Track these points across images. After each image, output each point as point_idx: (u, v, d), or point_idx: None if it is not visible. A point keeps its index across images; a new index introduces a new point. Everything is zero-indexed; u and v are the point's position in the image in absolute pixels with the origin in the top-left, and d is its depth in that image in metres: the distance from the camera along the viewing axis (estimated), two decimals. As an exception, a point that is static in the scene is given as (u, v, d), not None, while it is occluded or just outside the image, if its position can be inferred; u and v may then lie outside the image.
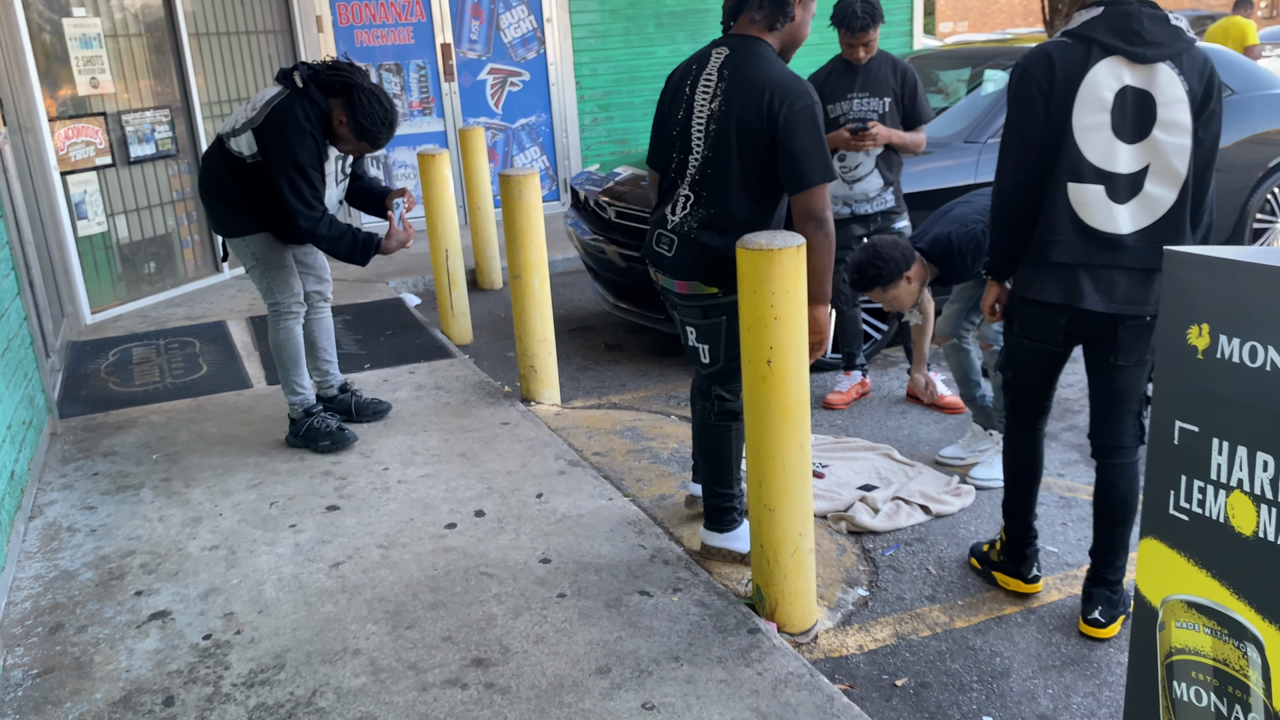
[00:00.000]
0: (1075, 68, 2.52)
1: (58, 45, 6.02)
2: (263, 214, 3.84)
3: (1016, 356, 2.88)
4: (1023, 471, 3.00)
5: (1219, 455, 1.72)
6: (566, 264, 7.52)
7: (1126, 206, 2.56)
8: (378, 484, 3.80)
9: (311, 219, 3.70)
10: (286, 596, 3.05)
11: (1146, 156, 2.54)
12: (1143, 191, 2.55)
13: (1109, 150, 2.53)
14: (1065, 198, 2.58)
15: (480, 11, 8.71)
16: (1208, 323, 1.72)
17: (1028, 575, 3.07)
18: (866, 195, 4.39)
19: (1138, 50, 2.49)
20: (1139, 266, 2.58)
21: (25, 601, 3.11)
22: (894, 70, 4.37)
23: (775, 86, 2.79)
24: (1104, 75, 2.50)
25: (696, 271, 2.95)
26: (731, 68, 2.87)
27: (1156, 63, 2.50)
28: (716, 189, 2.91)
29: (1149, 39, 2.49)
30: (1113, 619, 2.85)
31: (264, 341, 5.67)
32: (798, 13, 2.93)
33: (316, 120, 3.68)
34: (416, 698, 2.55)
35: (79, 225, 6.18)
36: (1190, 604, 1.81)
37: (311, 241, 3.80)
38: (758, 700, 2.48)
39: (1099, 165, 2.54)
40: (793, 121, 2.77)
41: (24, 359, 4.16)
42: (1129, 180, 2.55)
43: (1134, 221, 2.56)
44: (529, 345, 4.56)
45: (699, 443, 3.21)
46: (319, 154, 3.71)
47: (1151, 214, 2.56)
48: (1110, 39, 2.50)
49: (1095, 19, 2.53)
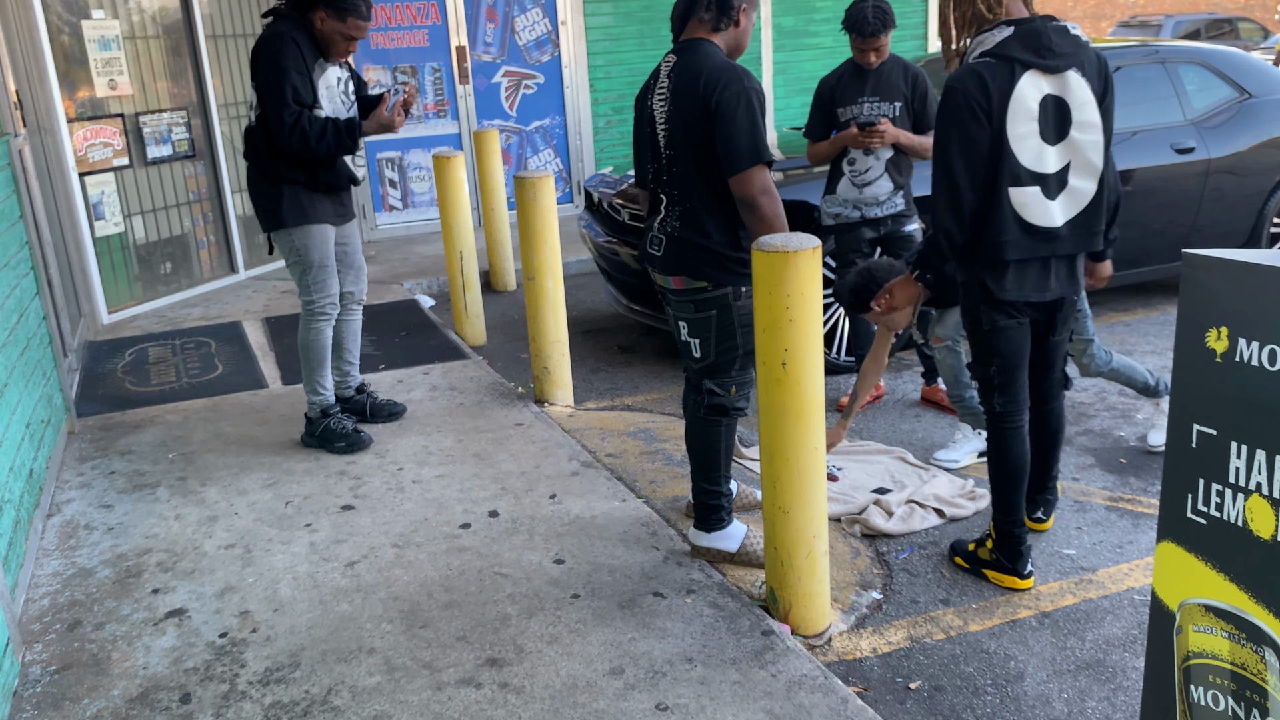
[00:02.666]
0: (1005, 84, 2.76)
1: (76, 47, 6.07)
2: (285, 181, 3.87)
3: (999, 344, 3.00)
4: (1017, 467, 3.08)
5: (1238, 459, 1.72)
6: (580, 266, 7.53)
7: (1057, 201, 2.85)
8: (392, 484, 3.81)
9: (291, 114, 3.72)
10: (302, 595, 3.06)
11: (1068, 155, 2.84)
12: (1068, 186, 2.86)
13: (1039, 154, 2.81)
14: (1008, 201, 2.83)
15: (495, 14, 8.74)
16: (1226, 326, 1.71)
17: (1024, 571, 3.13)
18: (876, 199, 4.39)
19: (1050, 62, 2.77)
20: (1071, 253, 2.92)
21: (44, 599, 3.13)
22: (905, 74, 4.37)
23: (709, 75, 2.89)
24: (1028, 88, 2.77)
25: (683, 267, 3.03)
26: (677, 70, 2.98)
27: (1066, 71, 2.79)
28: (683, 186, 3.01)
29: (1057, 51, 2.77)
30: (1049, 516, 3.49)
31: (279, 342, 5.69)
32: (741, 19, 3.03)
33: (303, 35, 3.77)
34: (431, 697, 2.56)
35: (96, 226, 6.22)
36: (1208, 608, 1.81)
37: (300, 147, 3.77)
38: (771, 702, 2.48)
39: (1032, 169, 2.81)
40: (725, 106, 2.86)
41: (43, 358, 4.19)
42: (1057, 178, 2.84)
43: (1064, 213, 2.87)
44: (542, 347, 4.57)
45: (688, 439, 3.23)
46: (303, 58, 3.76)
47: (1078, 204, 2.87)
48: (1025, 54, 2.76)
49: (1009, 38, 2.78)
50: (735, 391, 3.13)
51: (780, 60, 9.73)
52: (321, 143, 3.79)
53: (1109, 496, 3.73)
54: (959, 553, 3.29)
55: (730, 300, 3.03)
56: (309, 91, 3.79)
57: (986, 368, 3.05)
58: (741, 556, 3.21)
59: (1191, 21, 20.14)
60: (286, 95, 3.72)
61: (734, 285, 3.02)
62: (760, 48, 9.59)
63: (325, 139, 3.79)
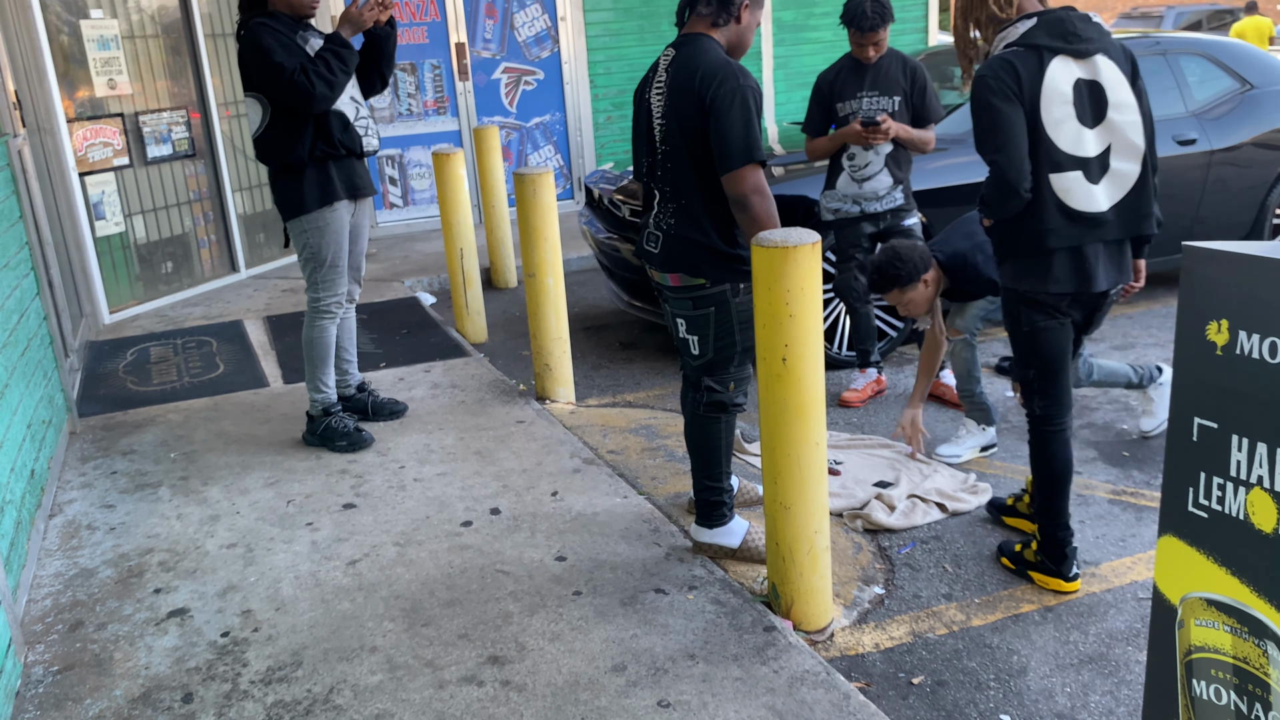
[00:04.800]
0: (1035, 70, 2.75)
1: (75, 47, 6.07)
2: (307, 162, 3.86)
3: (1040, 345, 2.93)
4: (1061, 471, 3.02)
5: (1239, 452, 1.71)
6: (581, 262, 7.52)
7: (1101, 185, 2.80)
8: (394, 482, 3.81)
9: (293, 69, 3.69)
10: (304, 594, 3.06)
11: (1107, 137, 2.80)
12: (1111, 169, 2.81)
13: (1078, 137, 2.77)
14: (1049, 188, 2.79)
15: (494, 11, 8.72)
16: (1227, 318, 1.70)
17: (1069, 574, 3.08)
18: (876, 194, 4.38)
19: (1078, 47, 2.76)
20: (1119, 239, 2.86)
21: (46, 599, 3.13)
22: (904, 69, 4.36)
23: (705, 71, 2.88)
24: (1059, 72, 2.76)
25: (681, 264, 3.01)
26: (675, 65, 2.97)
27: (1095, 55, 2.78)
28: (677, 182, 2.99)
29: (1083, 35, 2.77)
30: None
31: (281, 340, 5.69)
32: (744, 16, 3.00)
33: (275, 20, 3.76)
34: (433, 695, 2.56)
35: (97, 226, 6.22)
36: (1210, 601, 1.80)
37: (324, 87, 3.74)
38: (773, 698, 2.48)
39: (1072, 152, 2.77)
40: (720, 103, 2.84)
41: (44, 358, 4.19)
42: (1098, 161, 2.80)
43: (1109, 197, 2.81)
44: (544, 344, 4.57)
45: (688, 436, 3.23)
46: (283, 33, 3.75)
47: (1122, 187, 2.82)
48: (1052, 41, 2.76)
49: (1033, 28, 2.78)
50: (734, 388, 3.13)
51: (780, 55, 9.71)
52: (335, 66, 3.77)
53: (1112, 490, 3.72)
54: (1006, 554, 3.24)
55: (729, 297, 3.02)
56: (298, 52, 3.77)
57: (1026, 370, 2.98)
58: (743, 552, 3.20)
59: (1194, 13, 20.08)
60: (281, 62, 3.69)
61: (732, 282, 3.01)
62: (760, 43, 9.57)
63: (330, 62, 3.77)
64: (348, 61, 3.83)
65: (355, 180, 4.03)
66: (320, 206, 3.91)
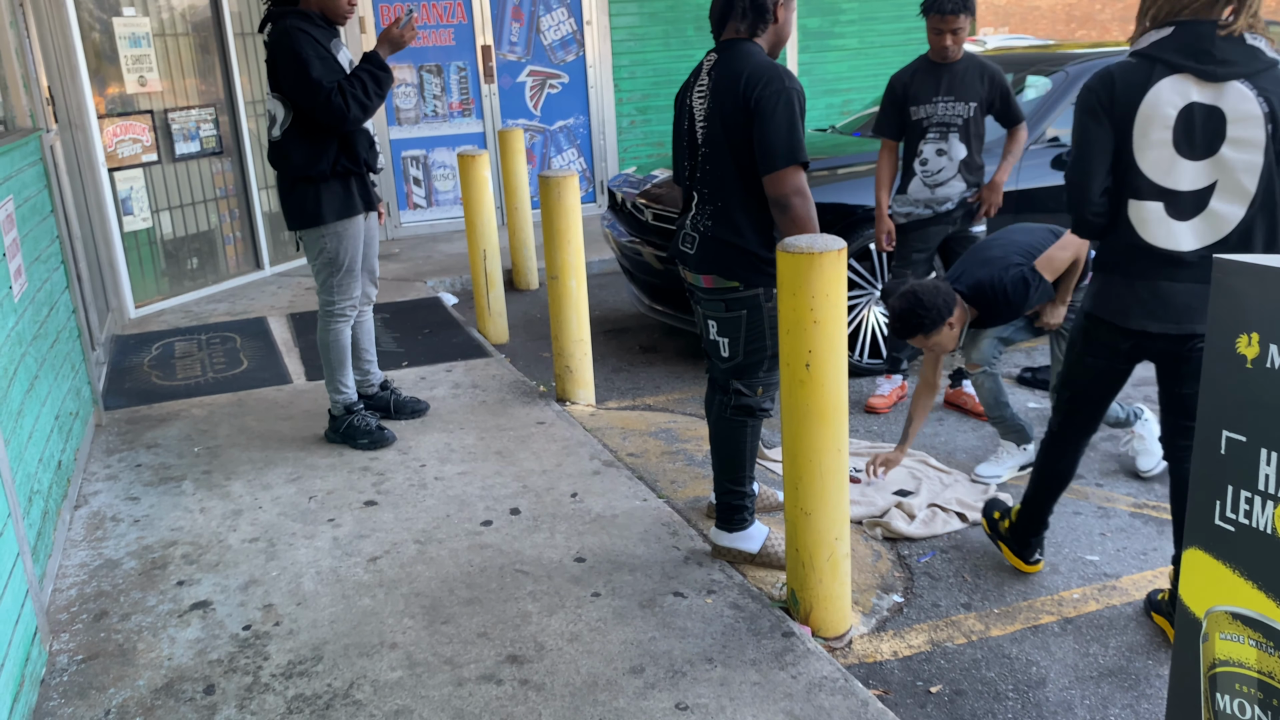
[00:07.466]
0: (1135, 87, 2.50)
1: (107, 44, 6.14)
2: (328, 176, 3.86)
3: (1077, 377, 2.86)
4: (1058, 478, 3.05)
5: (1267, 465, 1.70)
6: (603, 266, 7.54)
7: (1189, 224, 2.52)
8: (415, 480, 3.83)
9: (330, 88, 3.69)
10: (325, 589, 3.09)
11: (1214, 173, 2.48)
12: (1208, 208, 2.50)
13: (1170, 167, 2.50)
14: (1126, 215, 2.58)
15: (521, 14, 8.76)
16: (1257, 332, 1.69)
17: (1029, 559, 3.23)
18: (949, 199, 4.35)
19: (1207, 68, 2.44)
20: (1200, 282, 2.54)
21: (71, 589, 3.17)
22: (982, 74, 4.27)
23: (751, 73, 2.89)
24: (1167, 92, 2.47)
25: (717, 266, 3.02)
26: (719, 68, 2.98)
27: (1228, 80, 2.44)
28: (717, 184, 3.00)
29: (1219, 57, 2.43)
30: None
31: (304, 338, 5.73)
32: (780, 14, 3.02)
33: (307, 22, 3.74)
34: (452, 692, 2.57)
35: (125, 221, 6.29)
36: (1235, 615, 1.79)
37: (359, 109, 3.74)
38: (791, 704, 2.48)
39: (1158, 182, 2.52)
40: (765, 105, 2.85)
41: (71, 351, 4.24)
42: (1193, 197, 2.50)
43: (1197, 239, 2.52)
44: (565, 346, 4.59)
45: (713, 440, 3.23)
46: (317, 42, 3.74)
47: (1217, 231, 2.51)
48: (1177, 57, 2.46)
49: (1165, 39, 2.50)
50: (762, 392, 3.13)
51: (805, 62, 9.71)
52: (370, 89, 3.77)
53: (1133, 503, 3.70)
54: (986, 517, 3.34)
55: (761, 301, 3.02)
56: (335, 68, 3.76)
57: (1061, 389, 2.95)
58: (763, 557, 3.20)
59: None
60: (320, 79, 3.68)
61: (766, 286, 3.01)
62: (786, 49, 9.57)
63: (367, 84, 3.77)
64: (384, 85, 3.82)
65: (369, 194, 4.05)
66: (338, 220, 3.92)
